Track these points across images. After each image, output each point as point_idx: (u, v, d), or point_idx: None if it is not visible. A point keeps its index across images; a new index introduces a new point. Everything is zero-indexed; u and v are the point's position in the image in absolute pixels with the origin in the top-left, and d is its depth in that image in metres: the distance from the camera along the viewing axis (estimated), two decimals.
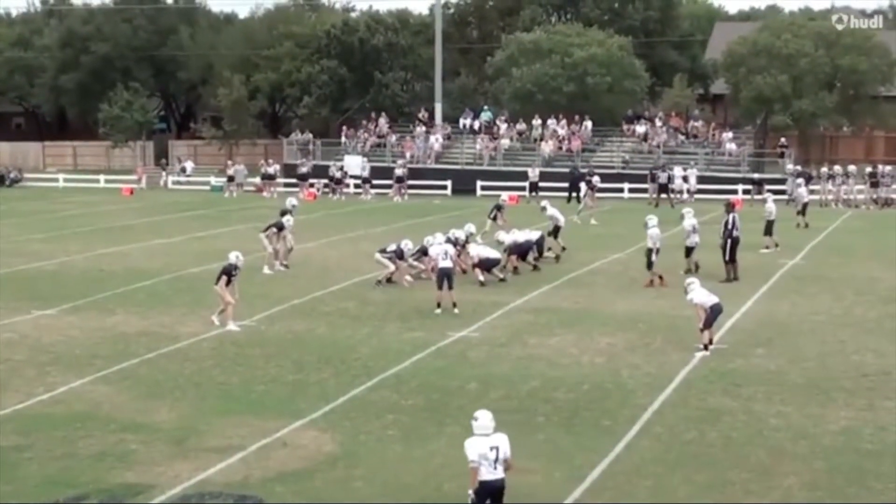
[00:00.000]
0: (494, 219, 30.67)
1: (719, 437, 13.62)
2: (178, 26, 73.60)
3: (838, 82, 54.09)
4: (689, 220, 25.98)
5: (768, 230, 29.67)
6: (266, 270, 26.19)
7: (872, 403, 15.08)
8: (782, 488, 11.90)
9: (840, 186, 45.75)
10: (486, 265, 24.63)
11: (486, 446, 10.02)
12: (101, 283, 24.78)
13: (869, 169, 46.51)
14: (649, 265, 24.32)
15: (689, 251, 25.81)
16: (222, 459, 12.72)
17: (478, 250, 24.92)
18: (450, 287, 21.54)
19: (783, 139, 52.30)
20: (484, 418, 10.22)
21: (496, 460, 9.99)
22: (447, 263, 21.96)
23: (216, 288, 20.09)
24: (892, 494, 11.78)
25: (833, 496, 11.74)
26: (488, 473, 10.00)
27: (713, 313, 17.98)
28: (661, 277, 24.18)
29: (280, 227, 26.87)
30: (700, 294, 18.13)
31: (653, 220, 24.74)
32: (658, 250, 24.36)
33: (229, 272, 20.00)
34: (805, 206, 36.36)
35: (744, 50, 54.30)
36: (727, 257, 25.05)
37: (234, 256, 20.36)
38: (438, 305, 21.49)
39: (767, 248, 29.19)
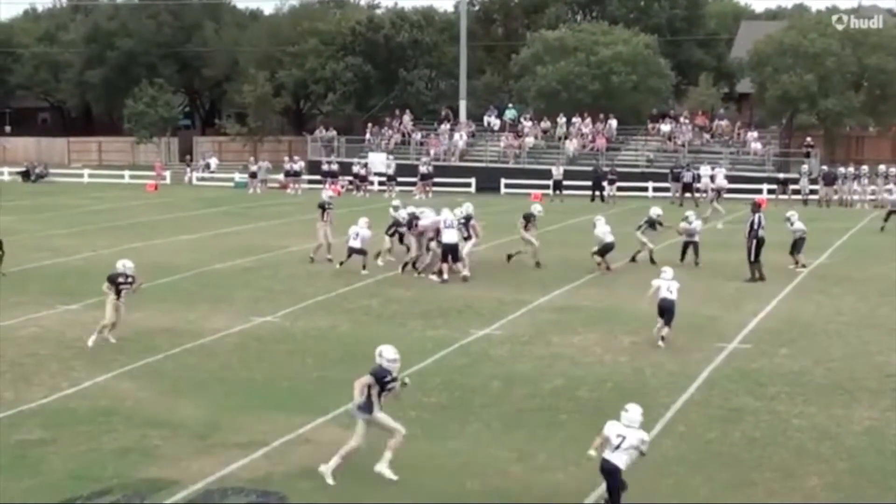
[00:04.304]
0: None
1: (742, 436, 13.56)
2: (203, 22, 74.00)
3: (865, 82, 53.79)
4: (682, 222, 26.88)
5: (799, 248, 26.73)
6: (336, 265, 25.98)
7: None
8: (805, 489, 11.85)
9: (866, 187, 45.51)
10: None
11: (615, 432, 10.93)
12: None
13: (894, 169, 46.21)
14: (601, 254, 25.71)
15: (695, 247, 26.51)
16: (245, 455, 12.76)
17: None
18: (455, 259, 24.27)
19: (809, 139, 52.01)
20: (633, 412, 11.06)
21: (617, 447, 10.84)
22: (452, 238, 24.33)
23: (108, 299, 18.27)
24: None
25: (856, 497, 11.68)
26: (607, 454, 10.90)
27: (665, 305, 18.31)
28: (607, 267, 25.70)
29: (323, 207, 27.46)
30: (660, 282, 18.58)
31: (600, 220, 26.23)
32: (611, 245, 25.60)
33: (115, 280, 18.29)
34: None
35: (770, 49, 54.05)
36: (752, 257, 24.95)
37: (121, 265, 18.61)
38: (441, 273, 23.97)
39: (798, 264, 26.54)
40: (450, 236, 24.50)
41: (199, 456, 12.76)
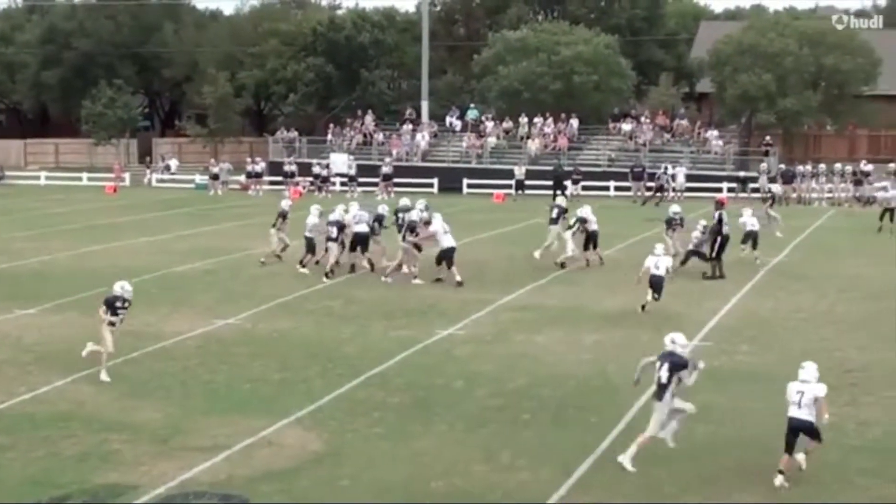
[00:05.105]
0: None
1: (705, 433, 13.62)
2: (163, 23, 73.30)
3: (822, 81, 54.31)
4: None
5: (755, 243, 27.02)
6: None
7: (855, 399, 15.12)
8: (768, 484, 11.91)
9: (823, 185, 45.98)
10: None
11: (794, 389, 11.87)
12: (84, 281, 24.62)
13: (851, 167, 46.73)
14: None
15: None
16: (207, 459, 12.65)
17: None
18: (363, 251, 25.21)
19: (768, 138, 52.45)
20: (809, 368, 11.94)
21: (798, 403, 11.77)
22: (362, 228, 25.20)
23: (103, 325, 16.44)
24: (876, 490, 11.83)
25: (817, 491, 11.78)
26: (791, 412, 11.86)
27: (653, 281, 20.62)
28: (591, 260, 26.65)
29: (284, 216, 27.27)
30: (650, 259, 20.84)
31: (586, 208, 26.82)
32: (595, 233, 26.50)
33: (112, 304, 16.43)
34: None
35: (729, 49, 54.45)
36: (712, 254, 25.10)
37: (119, 287, 16.67)
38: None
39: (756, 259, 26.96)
40: (448, 241, 24.27)
41: (159, 460, 12.64)
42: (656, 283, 20.64)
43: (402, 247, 25.02)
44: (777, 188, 40.28)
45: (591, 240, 26.58)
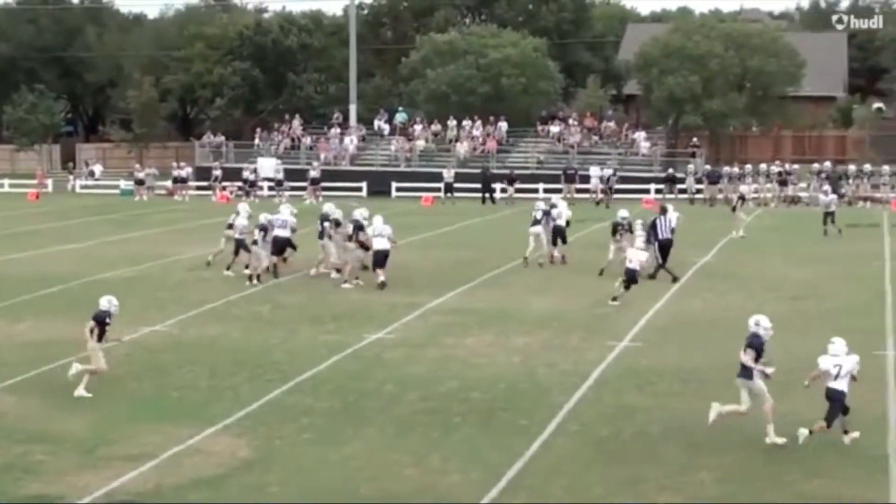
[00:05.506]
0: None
1: (634, 433, 13.72)
2: (85, 26, 72.20)
3: (747, 83, 55.31)
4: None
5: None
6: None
7: (782, 398, 15.29)
8: (695, 483, 12.03)
9: (749, 185, 46.71)
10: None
11: (831, 364, 12.77)
12: (8, 290, 24.11)
13: (776, 168, 47.56)
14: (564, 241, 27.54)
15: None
16: (134, 468, 12.44)
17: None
18: (280, 254, 25.38)
19: (695, 139, 53.19)
20: (839, 343, 12.88)
21: (836, 375, 12.69)
22: (284, 233, 25.39)
23: (90, 345, 15.76)
24: (800, 486, 12.00)
25: (744, 489, 11.90)
26: (830, 383, 12.77)
27: (628, 274, 21.84)
28: (562, 257, 27.34)
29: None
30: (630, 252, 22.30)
31: (563, 203, 27.96)
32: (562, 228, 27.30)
33: (103, 320, 15.87)
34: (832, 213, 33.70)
35: (656, 51, 55.18)
36: (661, 261, 25.13)
37: (105, 302, 16.08)
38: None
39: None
40: (380, 243, 23.99)
41: (85, 470, 12.40)
42: (630, 276, 21.80)
43: (346, 247, 24.95)
44: (745, 188, 40.30)
45: (555, 234, 27.21)
